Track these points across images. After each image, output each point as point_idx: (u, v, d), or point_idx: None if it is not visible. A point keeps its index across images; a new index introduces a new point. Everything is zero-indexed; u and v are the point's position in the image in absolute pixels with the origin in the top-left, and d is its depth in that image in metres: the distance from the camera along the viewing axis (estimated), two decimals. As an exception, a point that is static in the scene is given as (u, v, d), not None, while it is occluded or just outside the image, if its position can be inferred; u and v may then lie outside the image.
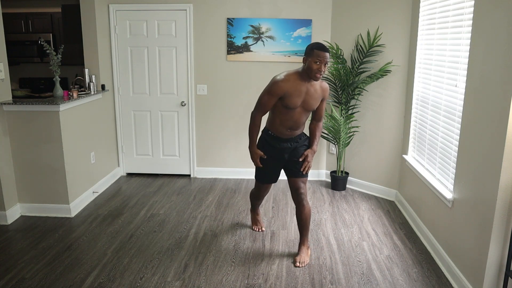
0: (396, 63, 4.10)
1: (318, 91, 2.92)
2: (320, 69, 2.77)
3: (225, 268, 2.97)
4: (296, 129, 3.01)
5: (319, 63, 2.76)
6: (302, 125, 3.03)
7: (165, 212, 3.95)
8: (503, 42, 2.28)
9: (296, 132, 3.03)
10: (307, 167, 3.04)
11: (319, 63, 2.76)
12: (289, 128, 2.98)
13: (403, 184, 4.09)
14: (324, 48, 2.79)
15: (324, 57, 2.77)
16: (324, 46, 2.81)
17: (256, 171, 3.21)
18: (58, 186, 3.79)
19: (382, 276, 2.90)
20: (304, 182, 3.08)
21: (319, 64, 2.76)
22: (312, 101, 2.91)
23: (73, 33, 4.65)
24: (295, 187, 3.06)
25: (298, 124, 2.98)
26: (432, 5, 3.42)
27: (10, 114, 3.66)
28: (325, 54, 2.77)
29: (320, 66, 2.77)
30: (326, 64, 2.80)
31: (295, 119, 2.94)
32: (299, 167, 3.05)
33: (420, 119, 3.67)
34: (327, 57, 2.78)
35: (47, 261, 3.06)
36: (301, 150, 3.06)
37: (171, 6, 4.62)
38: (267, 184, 3.29)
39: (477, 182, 2.56)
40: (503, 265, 2.41)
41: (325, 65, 2.79)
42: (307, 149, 3.08)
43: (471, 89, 2.64)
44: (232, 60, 4.72)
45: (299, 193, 3.05)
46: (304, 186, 3.08)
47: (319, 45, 2.79)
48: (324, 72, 2.81)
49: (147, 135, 4.98)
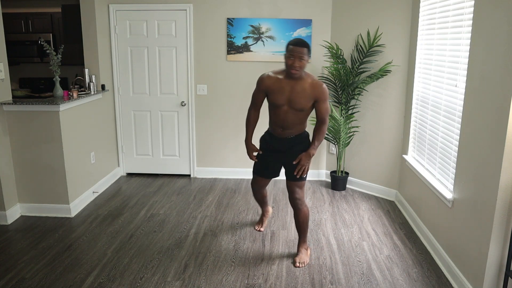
0: (396, 63, 4.10)
1: (307, 90, 2.81)
2: (293, 64, 2.72)
3: (225, 268, 2.97)
4: (288, 129, 2.94)
5: (293, 58, 2.72)
6: (295, 125, 2.93)
7: (165, 212, 3.95)
8: (503, 42, 2.28)
9: (289, 131, 2.96)
10: (301, 171, 2.91)
11: (293, 58, 2.72)
12: (280, 127, 2.96)
13: (403, 184, 4.09)
14: (298, 43, 2.73)
15: (296, 51, 2.71)
16: (299, 41, 2.75)
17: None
18: (58, 186, 3.79)
19: (382, 276, 2.90)
20: (300, 186, 3.01)
21: (292, 59, 2.72)
22: (298, 99, 2.82)
23: (73, 33, 4.65)
24: (290, 190, 3.04)
25: (288, 123, 2.91)
26: (432, 5, 3.42)
27: (10, 114, 3.66)
28: (298, 49, 2.71)
29: (293, 61, 2.72)
30: (302, 60, 2.72)
31: (282, 118, 2.91)
32: (293, 171, 2.99)
33: (420, 119, 3.67)
34: (301, 52, 2.71)
35: (47, 261, 3.06)
36: (297, 152, 2.96)
37: (171, 6, 4.62)
38: (258, 176, 3.24)
39: (477, 182, 2.56)
40: (503, 265, 2.41)
41: (300, 60, 2.72)
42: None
43: (471, 89, 2.64)
44: (232, 60, 4.72)
45: (293, 197, 3.01)
46: (300, 190, 3.01)
47: (293, 40, 2.77)
48: (299, 68, 2.73)
49: (147, 135, 4.98)
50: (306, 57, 2.74)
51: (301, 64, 2.73)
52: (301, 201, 3.02)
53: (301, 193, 3.03)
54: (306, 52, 2.73)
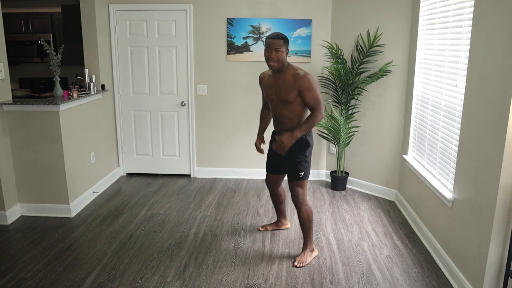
0: (396, 63, 4.10)
1: (289, 81, 2.85)
2: (270, 56, 2.82)
3: (225, 268, 2.97)
4: (283, 123, 3.00)
5: (269, 50, 2.82)
6: (288, 119, 2.95)
7: (165, 212, 3.95)
8: (503, 42, 2.28)
9: (285, 127, 3.00)
10: (279, 148, 2.85)
11: (270, 50, 2.82)
12: (277, 122, 3.08)
13: (403, 184, 4.09)
14: (273, 36, 2.84)
15: (271, 43, 2.81)
16: (275, 34, 2.86)
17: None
18: (58, 186, 3.79)
19: (382, 276, 2.90)
20: (301, 186, 3.02)
21: (269, 51, 2.82)
22: (282, 92, 2.89)
23: (73, 33, 4.65)
24: (290, 190, 3.07)
25: (281, 117, 2.99)
26: (432, 5, 3.42)
27: (10, 114, 3.66)
28: (273, 41, 2.81)
29: (270, 53, 2.82)
30: (278, 51, 2.80)
31: (275, 112, 3.04)
32: (292, 171, 3.02)
33: (420, 119, 3.67)
34: (277, 43, 2.80)
35: (47, 261, 3.06)
36: (295, 151, 2.96)
37: (171, 6, 4.62)
38: (268, 173, 3.33)
39: (477, 182, 2.56)
40: (503, 265, 2.41)
41: (277, 51, 2.80)
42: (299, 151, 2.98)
43: (471, 89, 2.64)
44: (232, 60, 4.72)
45: (293, 196, 3.04)
46: (300, 189, 3.01)
47: (270, 34, 2.88)
48: (276, 59, 2.80)
49: (147, 135, 4.98)
50: (283, 49, 2.83)
51: (278, 55, 2.81)
52: (301, 200, 3.02)
53: (302, 192, 3.02)
54: (282, 44, 2.82)
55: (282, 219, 3.57)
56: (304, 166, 2.99)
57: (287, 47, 2.88)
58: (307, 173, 3.03)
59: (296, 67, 2.92)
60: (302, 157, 2.99)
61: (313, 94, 2.85)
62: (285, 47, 2.85)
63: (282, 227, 3.58)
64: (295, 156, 2.99)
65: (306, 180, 3.06)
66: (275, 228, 3.58)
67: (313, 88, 2.85)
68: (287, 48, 2.88)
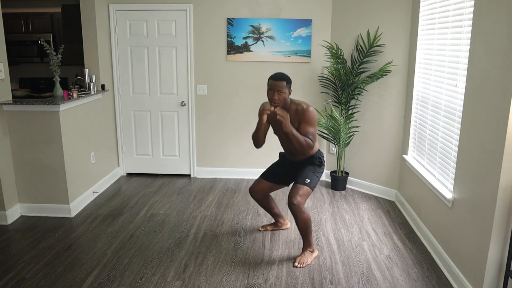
0: (396, 63, 4.10)
1: (292, 116, 2.98)
2: (273, 98, 2.91)
3: (225, 268, 2.97)
4: (294, 154, 3.14)
5: (272, 91, 2.91)
6: (298, 151, 3.06)
7: (165, 212, 3.95)
8: (503, 42, 2.28)
9: (297, 157, 3.15)
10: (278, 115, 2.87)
11: (272, 92, 2.91)
12: (290, 153, 3.19)
13: (403, 184, 4.09)
14: (276, 77, 2.91)
15: (274, 85, 2.90)
16: (278, 75, 2.92)
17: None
18: (58, 186, 3.79)
19: (382, 276, 2.90)
20: (302, 193, 2.97)
21: (272, 93, 2.92)
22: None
23: (73, 33, 4.65)
24: (289, 195, 2.99)
25: (292, 149, 3.10)
26: (432, 5, 3.42)
27: (10, 114, 3.66)
28: (275, 83, 2.89)
29: (273, 94, 2.91)
30: (281, 93, 2.89)
31: (285, 145, 3.15)
32: (299, 176, 3.07)
33: (420, 119, 3.67)
34: (279, 85, 2.88)
35: (47, 261, 3.06)
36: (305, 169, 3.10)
37: (171, 6, 4.62)
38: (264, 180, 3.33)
39: (477, 182, 2.56)
40: (503, 265, 2.41)
41: (279, 93, 2.89)
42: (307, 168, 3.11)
43: (471, 89, 2.64)
44: (232, 60, 4.72)
45: (290, 202, 2.96)
46: (299, 197, 2.96)
47: (273, 74, 2.95)
48: (278, 101, 2.90)
49: (147, 135, 4.98)
50: (285, 90, 2.92)
51: (280, 97, 2.91)
52: (298, 208, 2.94)
53: (300, 199, 2.96)
54: (284, 86, 2.91)
55: (281, 220, 3.57)
56: (312, 175, 3.07)
57: (290, 87, 2.96)
58: (313, 183, 3.05)
59: (298, 101, 3.02)
60: (313, 169, 3.12)
61: (310, 128, 2.96)
62: (288, 88, 2.94)
63: (282, 227, 3.58)
64: (307, 168, 3.12)
65: (309, 190, 3.03)
66: (275, 228, 3.58)
67: (312, 122, 2.96)
68: (290, 88, 2.96)
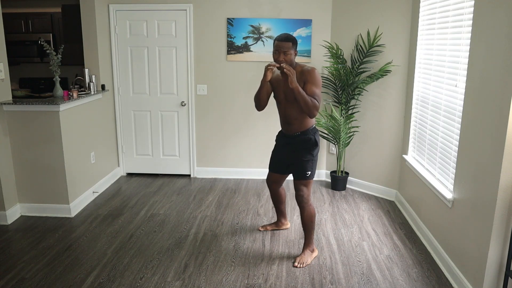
0: (396, 63, 4.10)
1: (297, 77, 2.85)
2: (278, 59, 2.84)
3: (225, 268, 2.97)
4: (291, 124, 3.01)
5: (278, 52, 2.84)
6: (297, 119, 2.96)
7: (165, 212, 3.95)
8: (503, 42, 2.28)
9: (293, 127, 3.02)
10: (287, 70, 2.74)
11: (278, 53, 2.84)
12: (285, 123, 3.08)
13: (403, 184, 4.09)
14: (281, 38, 2.84)
15: (280, 46, 2.83)
16: (284, 36, 2.85)
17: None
18: (58, 186, 3.79)
19: (382, 276, 2.90)
20: (306, 185, 3.03)
21: (277, 54, 2.85)
22: (290, 91, 2.84)
23: (73, 33, 4.65)
24: (295, 188, 3.08)
25: (289, 118, 3.00)
26: (432, 5, 3.42)
27: (10, 114, 3.66)
28: (281, 43, 2.82)
29: (278, 56, 2.84)
30: (287, 54, 2.82)
31: (283, 112, 3.04)
32: (298, 169, 3.02)
33: (420, 119, 3.67)
34: (285, 46, 2.81)
35: (47, 261, 3.06)
36: (302, 152, 3.00)
37: (171, 6, 4.62)
38: (271, 172, 3.32)
39: (477, 182, 2.56)
40: (503, 265, 2.41)
41: (285, 54, 2.82)
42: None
43: (471, 89, 2.64)
44: (232, 60, 4.72)
45: (298, 195, 3.04)
46: (305, 188, 3.02)
47: (279, 35, 2.88)
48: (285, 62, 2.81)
49: (147, 135, 4.98)
50: (292, 51, 2.85)
51: (286, 58, 2.84)
52: (305, 199, 3.02)
53: (306, 191, 3.03)
54: (290, 46, 2.84)
55: (282, 219, 3.57)
56: (311, 165, 3.03)
57: (296, 48, 2.90)
58: (313, 172, 3.06)
59: (303, 64, 2.96)
60: (309, 157, 3.01)
61: (316, 89, 2.84)
62: (294, 49, 2.87)
63: (282, 227, 3.58)
64: (303, 156, 3.01)
65: (312, 180, 3.07)
66: (275, 228, 3.58)
67: (317, 82, 2.85)
68: (296, 50, 2.90)
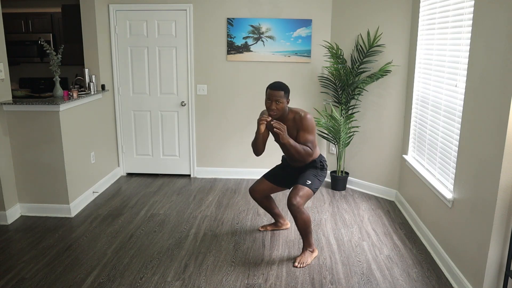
0: (396, 63, 4.10)
1: (290, 125, 2.99)
2: (271, 107, 2.91)
3: (225, 268, 2.97)
4: (295, 161, 3.13)
5: (270, 101, 2.91)
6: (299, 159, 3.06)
7: (165, 212, 3.95)
8: (503, 42, 2.29)
9: (297, 163, 3.15)
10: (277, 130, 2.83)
11: (270, 102, 2.91)
12: (290, 159, 3.18)
13: (403, 184, 4.09)
14: (274, 87, 2.90)
15: (272, 95, 2.89)
16: (276, 84, 2.91)
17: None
18: (58, 186, 3.79)
19: (382, 276, 2.90)
20: (302, 195, 2.96)
21: (269, 103, 2.91)
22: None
23: (73, 33, 4.65)
24: (289, 196, 2.98)
25: (293, 157, 3.06)
26: (432, 5, 3.42)
27: (10, 114, 3.66)
28: (273, 92, 2.88)
29: (270, 104, 2.91)
30: (279, 102, 2.88)
31: (286, 152, 3.12)
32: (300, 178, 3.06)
33: (420, 119, 3.67)
34: (276, 95, 2.88)
35: (47, 261, 3.06)
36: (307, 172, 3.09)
37: (171, 6, 4.62)
38: (266, 180, 3.36)
39: (477, 182, 2.56)
40: (503, 265, 2.41)
41: (277, 103, 2.89)
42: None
43: (471, 89, 2.64)
44: (232, 60, 4.72)
45: (290, 203, 2.94)
46: (299, 198, 2.94)
47: (271, 84, 2.94)
48: (276, 110, 2.90)
49: (147, 135, 4.98)
50: (283, 99, 2.93)
51: (278, 107, 2.92)
52: (297, 209, 2.92)
53: (300, 200, 2.94)
54: (282, 95, 2.91)
55: (281, 220, 3.56)
56: (313, 178, 3.07)
57: (288, 96, 2.96)
58: (314, 185, 3.04)
59: (296, 109, 3.03)
60: (315, 172, 3.11)
61: (309, 136, 2.97)
62: (286, 97, 2.94)
63: (282, 227, 3.58)
64: (308, 171, 3.11)
65: (310, 192, 3.02)
66: (275, 228, 3.58)
67: (310, 129, 2.97)
68: (288, 98, 2.97)
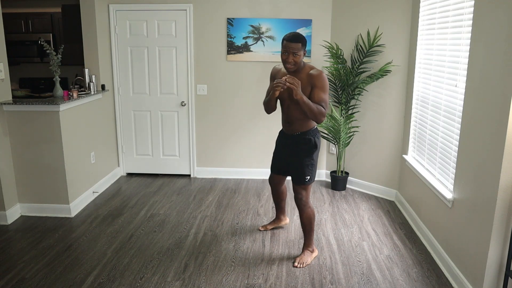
0: (396, 63, 4.10)
1: (304, 81, 2.81)
2: (287, 60, 2.78)
3: (225, 268, 2.97)
4: (293, 123, 2.98)
5: (287, 53, 2.78)
6: (299, 120, 2.93)
7: (165, 212, 3.95)
8: (503, 42, 2.28)
9: (294, 127, 2.99)
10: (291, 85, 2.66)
11: (287, 54, 2.78)
12: (286, 122, 3.03)
13: (403, 184, 4.09)
14: (290, 38, 2.76)
15: (289, 47, 2.75)
16: (294, 36, 2.77)
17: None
18: (58, 186, 3.79)
19: (382, 276, 2.90)
20: (305, 189, 3.02)
21: (286, 55, 2.78)
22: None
23: (73, 33, 4.65)
24: (294, 192, 3.06)
25: (292, 117, 2.95)
26: (432, 5, 3.42)
27: (10, 114, 3.66)
28: (291, 44, 2.75)
29: (287, 57, 2.78)
30: (296, 55, 2.75)
31: (286, 111, 2.99)
32: (298, 174, 3.01)
33: (420, 119, 3.67)
34: (293, 47, 2.74)
35: (47, 261, 3.06)
36: (301, 152, 2.99)
37: (171, 6, 4.62)
38: (272, 173, 3.32)
39: (477, 182, 2.56)
40: (503, 265, 2.41)
41: (294, 55, 2.75)
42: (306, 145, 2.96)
43: (471, 89, 2.64)
44: (232, 60, 4.72)
45: (297, 198, 3.04)
46: (304, 192, 3.01)
47: (288, 35, 2.80)
48: (293, 63, 2.77)
49: (147, 135, 4.97)
50: (301, 52, 2.77)
51: (295, 59, 2.77)
52: (304, 202, 3.01)
53: (305, 194, 3.02)
54: (300, 47, 2.76)
55: (281, 216, 3.57)
56: (310, 170, 3.00)
57: (305, 48, 2.82)
58: (312, 177, 3.03)
59: (311, 65, 2.91)
60: (309, 161, 2.99)
61: (323, 94, 2.81)
62: (303, 50, 2.80)
63: (281, 223, 3.59)
64: (302, 159, 2.99)
65: (311, 185, 3.06)
66: (275, 226, 3.58)
67: (325, 88, 2.82)
68: (305, 50, 2.83)
